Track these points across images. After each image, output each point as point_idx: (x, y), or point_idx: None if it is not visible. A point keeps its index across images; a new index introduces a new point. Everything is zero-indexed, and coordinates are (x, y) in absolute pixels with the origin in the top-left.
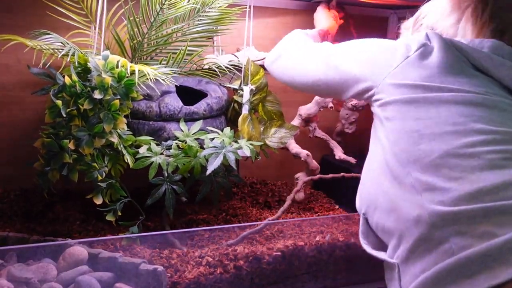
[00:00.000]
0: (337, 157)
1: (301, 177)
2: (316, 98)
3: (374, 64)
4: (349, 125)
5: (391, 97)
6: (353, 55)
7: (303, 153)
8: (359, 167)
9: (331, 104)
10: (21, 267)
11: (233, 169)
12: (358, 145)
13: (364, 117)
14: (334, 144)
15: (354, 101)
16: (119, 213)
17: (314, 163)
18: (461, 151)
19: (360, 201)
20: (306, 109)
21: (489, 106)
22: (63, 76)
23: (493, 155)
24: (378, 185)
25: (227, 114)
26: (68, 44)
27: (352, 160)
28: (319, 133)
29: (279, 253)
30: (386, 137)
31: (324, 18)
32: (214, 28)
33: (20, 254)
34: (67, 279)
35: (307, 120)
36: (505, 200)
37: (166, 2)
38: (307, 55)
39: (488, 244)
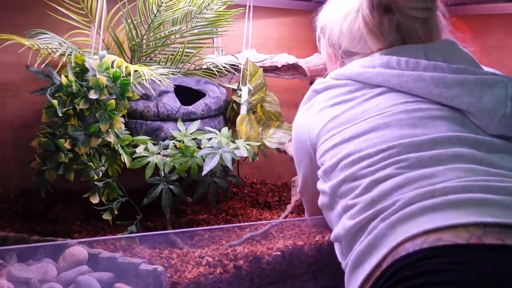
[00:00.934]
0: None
1: (298, 181)
2: None
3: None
4: None
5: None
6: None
7: None
8: None
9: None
10: (21, 267)
11: (229, 169)
12: None
13: None
14: None
15: None
16: (116, 212)
17: None
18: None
19: None
20: None
21: (381, 126)
22: (60, 76)
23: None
24: None
25: (226, 114)
26: (65, 43)
27: None
28: None
29: (279, 253)
30: None
31: None
32: (214, 29)
33: (20, 254)
34: (67, 279)
35: None
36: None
37: (163, 4)
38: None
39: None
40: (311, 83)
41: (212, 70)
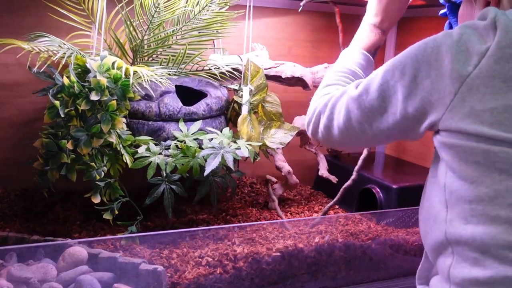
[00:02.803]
0: (319, 174)
1: (277, 190)
2: None
3: (430, 92)
4: None
5: (453, 140)
6: (400, 89)
7: (285, 168)
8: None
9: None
10: (21, 267)
11: (232, 170)
12: None
13: None
14: (321, 160)
15: None
16: (116, 212)
17: (293, 179)
18: (503, 252)
19: None
20: (300, 124)
21: None
22: (62, 77)
23: None
24: None
25: (227, 114)
26: (65, 45)
27: (333, 179)
28: (310, 147)
29: (278, 254)
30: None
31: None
32: (215, 31)
33: (20, 254)
34: (67, 279)
35: (299, 133)
36: None
37: (160, 5)
38: (341, 118)
39: None
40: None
41: (214, 72)
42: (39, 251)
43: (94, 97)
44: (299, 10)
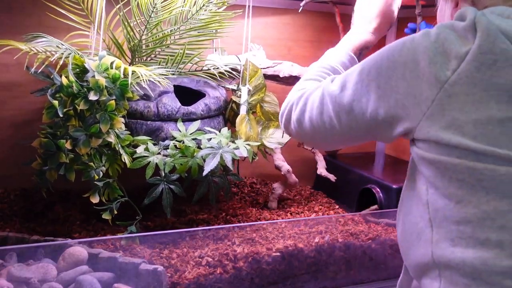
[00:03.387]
0: (318, 172)
1: (277, 189)
2: None
3: (395, 101)
4: None
5: (432, 155)
6: (372, 90)
7: (285, 167)
8: (360, 168)
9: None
10: (21, 267)
11: (231, 170)
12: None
13: None
14: (319, 159)
15: None
16: (115, 212)
17: (293, 178)
18: (494, 279)
19: None
20: None
21: None
22: (61, 77)
23: None
24: None
25: (225, 114)
26: (63, 45)
27: (332, 178)
28: (308, 146)
29: (278, 254)
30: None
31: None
32: (213, 31)
33: (20, 254)
34: (67, 279)
35: None
36: None
37: (157, 5)
38: (314, 112)
39: None
40: None
41: (213, 72)
42: (39, 251)
43: (92, 97)
44: (299, 11)
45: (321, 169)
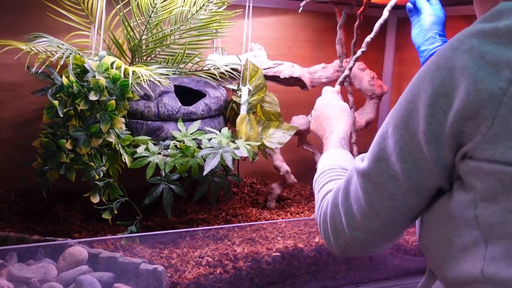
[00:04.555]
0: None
1: (276, 189)
2: (310, 116)
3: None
4: None
5: (489, 166)
6: (411, 147)
7: (284, 168)
8: None
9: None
10: (21, 267)
11: (230, 169)
12: None
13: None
14: (319, 159)
15: None
16: (115, 212)
17: (291, 179)
18: None
19: None
20: (297, 124)
21: None
22: (61, 77)
23: None
24: None
25: (226, 114)
26: (64, 45)
27: None
28: (307, 146)
29: (278, 254)
30: None
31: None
32: (213, 31)
33: (20, 254)
34: (67, 279)
35: (297, 133)
36: None
37: (157, 5)
38: (361, 206)
39: None
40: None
41: (213, 72)
42: (39, 251)
43: (93, 97)
44: (299, 11)
45: None
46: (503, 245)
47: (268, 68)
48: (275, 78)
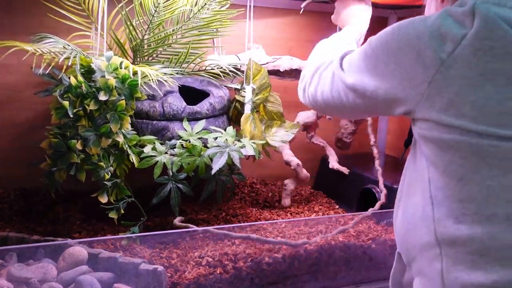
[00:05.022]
0: (330, 166)
1: (289, 185)
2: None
3: (395, 82)
4: (347, 135)
5: (431, 133)
6: (367, 69)
7: (294, 162)
8: (360, 168)
9: (329, 116)
10: (21, 267)
11: (236, 168)
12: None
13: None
14: (330, 152)
15: None
16: (122, 211)
17: (304, 173)
18: (506, 253)
19: None
20: (305, 118)
21: None
22: (69, 77)
23: None
24: None
25: (229, 113)
26: (69, 46)
27: (345, 170)
28: (317, 140)
29: (278, 254)
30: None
31: (361, 11)
32: (215, 30)
33: (20, 254)
34: (67, 279)
35: (305, 127)
36: None
37: (160, 5)
38: (326, 87)
39: None
40: None
41: (216, 71)
42: (39, 251)
43: (102, 97)
44: (300, 12)
45: (333, 163)
46: (447, 206)
47: (267, 63)
48: (275, 72)
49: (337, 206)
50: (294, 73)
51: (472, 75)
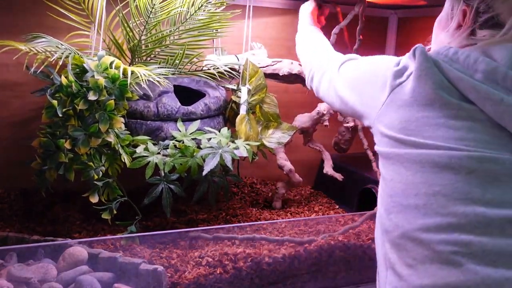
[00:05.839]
0: (324, 171)
1: (280, 189)
2: (313, 114)
3: (364, 100)
4: (344, 141)
5: (379, 147)
6: (350, 85)
7: (287, 166)
8: (360, 168)
9: (326, 122)
10: (21, 267)
11: (230, 169)
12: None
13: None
14: (326, 157)
15: (351, 123)
16: (115, 212)
17: (296, 178)
18: (416, 234)
19: None
20: (302, 122)
21: (466, 168)
22: (61, 76)
23: (442, 247)
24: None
25: (225, 114)
26: (63, 45)
27: (339, 177)
28: (314, 144)
29: (278, 254)
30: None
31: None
32: (213, 31)
33: (20, 254)
34: (67, 279)
35: (302, 131)
36: None
37: (156, 6)
38: (324, 87)
39: None
40: None
41: (213, 72)
42: (39, 251)
43: (92, 97)
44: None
45: (328, 168)
46: (385, 202)
47: (267, 66)
48: (274, 76)
49: (337, 206)
50: (293, 78)
51: (406, 98)
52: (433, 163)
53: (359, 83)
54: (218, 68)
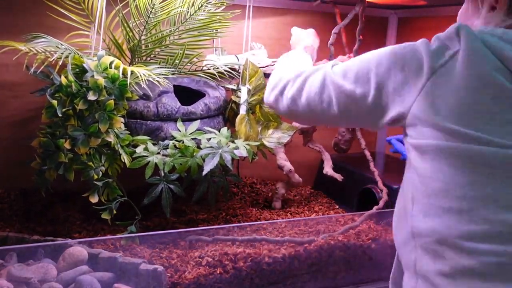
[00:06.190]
0: (324, 172)
1: (280, 189)
2: None
3: (391, 89)
4: (344, 142)
5: (415, 140)
6: (362, 78)
7: (287, 167)
8: (360, 168)
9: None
10: (21, 267)
11: (230, 169)
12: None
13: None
14: (326, 157)
15: None
16: (115, 212)
17: (296, 178)
18: (457, 242)
19: None
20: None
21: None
22: (61, 76)
23: (488, 258)
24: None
25: (225, 114)
26: (62, 45)
27: (339, 177)
28: (313, 145)
29: (278, 254)
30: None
31: (305, 35)
32: (213, 31)
33: (20, 254)
34: (67, 279)
35: (302, 131)
36: None
37: (156, 6)
38: (313, 90)
39: None
40: None
41: (213, 72)
42: (39, 251)
43: (91, 97)
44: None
45: (328, 169)
46: (420, 202)
47: (267, 66)
48: None
49: (337, 206)
50: None
51: (454, 82)
52: (484, 161)
53: (378, 72)
54: (218, 68)
